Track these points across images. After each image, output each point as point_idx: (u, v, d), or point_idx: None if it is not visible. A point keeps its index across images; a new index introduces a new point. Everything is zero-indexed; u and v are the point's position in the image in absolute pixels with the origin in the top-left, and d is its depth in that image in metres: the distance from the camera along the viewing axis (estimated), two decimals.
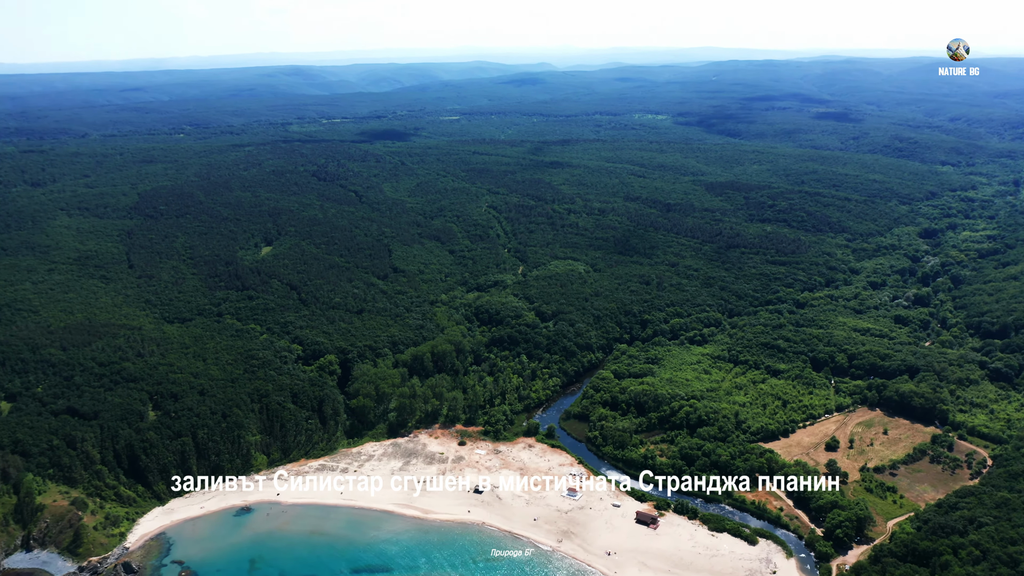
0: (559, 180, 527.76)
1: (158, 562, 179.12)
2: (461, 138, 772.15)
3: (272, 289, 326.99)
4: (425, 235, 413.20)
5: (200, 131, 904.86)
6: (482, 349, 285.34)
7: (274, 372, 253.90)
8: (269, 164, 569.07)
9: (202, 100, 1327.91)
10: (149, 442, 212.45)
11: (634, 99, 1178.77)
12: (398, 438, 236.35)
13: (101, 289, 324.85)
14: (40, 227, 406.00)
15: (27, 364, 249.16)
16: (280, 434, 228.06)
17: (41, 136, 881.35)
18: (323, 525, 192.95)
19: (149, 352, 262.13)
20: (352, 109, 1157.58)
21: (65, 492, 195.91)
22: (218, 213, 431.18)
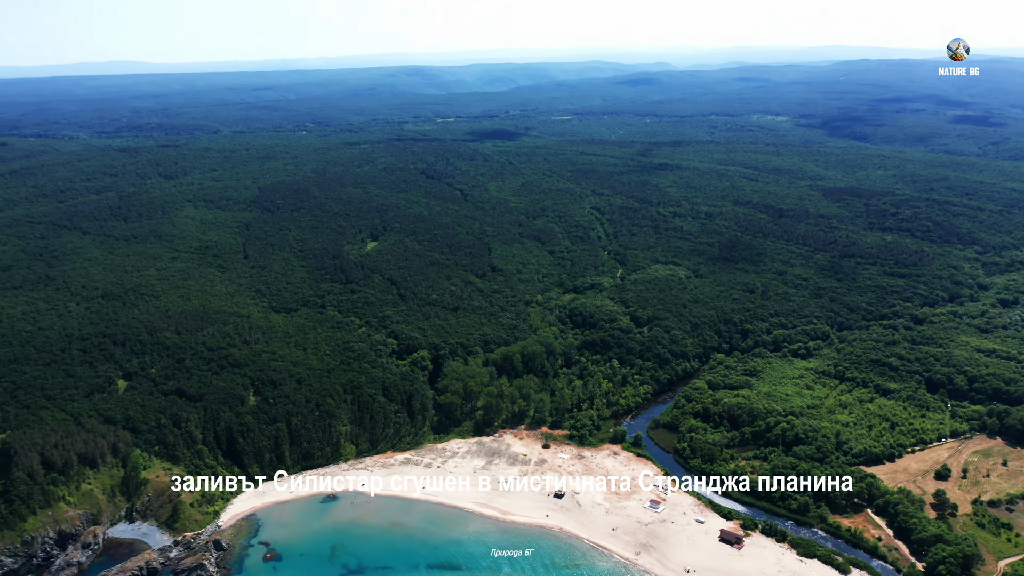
0: (666, 182, 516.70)
1: (246, 542, 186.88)
2: (570, 138, 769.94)
3: (374, 283, 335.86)
4: (526, 235, 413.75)
5: (321, 128, 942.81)
6: (573, 352, 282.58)
7: (368, 365, 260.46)
8: (381, 161, 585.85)
9: (326, 99, 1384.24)
10: (247, 426, 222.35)
11: (753, 100, 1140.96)
12: (483, 437, 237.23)
13: (217, 278, 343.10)
14: (168, 217, 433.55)
15: (144, 346, 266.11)
16: (369, 426, 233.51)
17: (178, 132, 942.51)
18: (403, 518, 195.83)
19: (254, 339, 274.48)
20: (466, 108, 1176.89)
21: (168, 469, 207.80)
22: (330, 208, 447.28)
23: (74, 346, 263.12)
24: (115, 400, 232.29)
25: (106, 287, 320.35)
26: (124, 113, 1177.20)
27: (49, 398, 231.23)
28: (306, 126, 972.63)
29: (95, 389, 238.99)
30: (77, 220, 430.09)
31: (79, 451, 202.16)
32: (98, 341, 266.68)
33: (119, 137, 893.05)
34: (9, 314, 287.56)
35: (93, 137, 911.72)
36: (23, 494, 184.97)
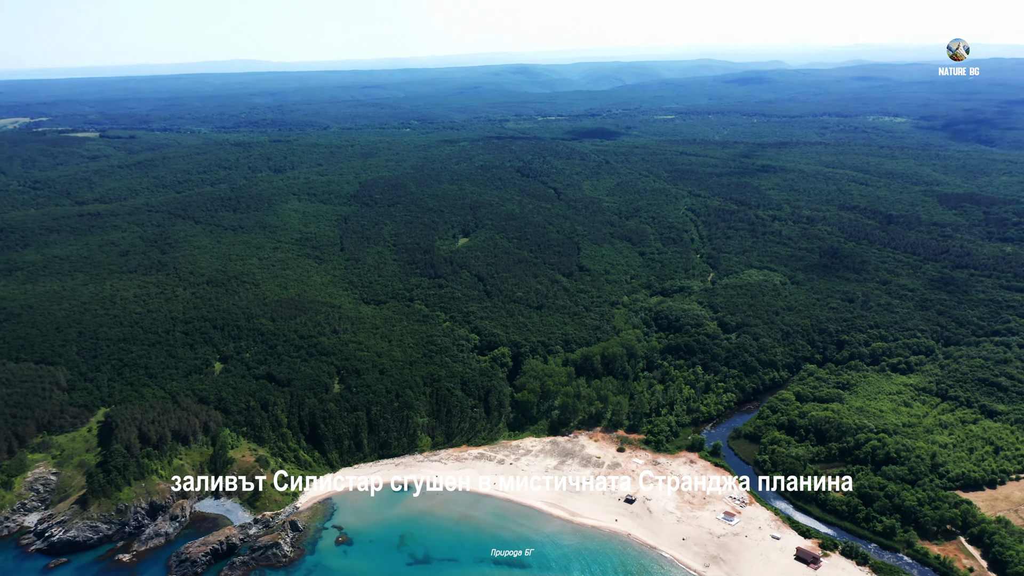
0: (768, 184, 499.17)
1: (320, 524, 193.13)
2: (671, 138, 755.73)
3: (461, 279, 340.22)
4: (617, 235, 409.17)
5: (425, 126, 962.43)
6: (656, 355, 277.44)
7: (449, 359, 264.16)
8: (479, 159, 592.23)
9: (431, 97, 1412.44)
10: (329, 413, 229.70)
11: (870, 100, 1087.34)
12: (558, 436, 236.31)
13: (314, 269, 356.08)
14: (274, 209, 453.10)
15: (241, 331, 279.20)
16: (446, 419, 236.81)
17: (290, 127, 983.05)
18: (472, 512, 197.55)
19: (343, 329, 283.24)
20: (569, 107, 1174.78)
21: (253, 449, 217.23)
22: (425, 204, 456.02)
23: (178, 329, 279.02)
24: (210, 381, 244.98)
25: (211, 274, 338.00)
26: (243, 109, 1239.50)
27: (151, 376, 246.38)
28: (410, 123, 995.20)
29: (193, 370, 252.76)
30: (191, 210, 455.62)
31: (174, 428, 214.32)
32: (200, 325, 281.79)
33: (236, 132, 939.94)
34: (123, 296, 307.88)
35: (213, 132, 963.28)
36: (120, 465, 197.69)
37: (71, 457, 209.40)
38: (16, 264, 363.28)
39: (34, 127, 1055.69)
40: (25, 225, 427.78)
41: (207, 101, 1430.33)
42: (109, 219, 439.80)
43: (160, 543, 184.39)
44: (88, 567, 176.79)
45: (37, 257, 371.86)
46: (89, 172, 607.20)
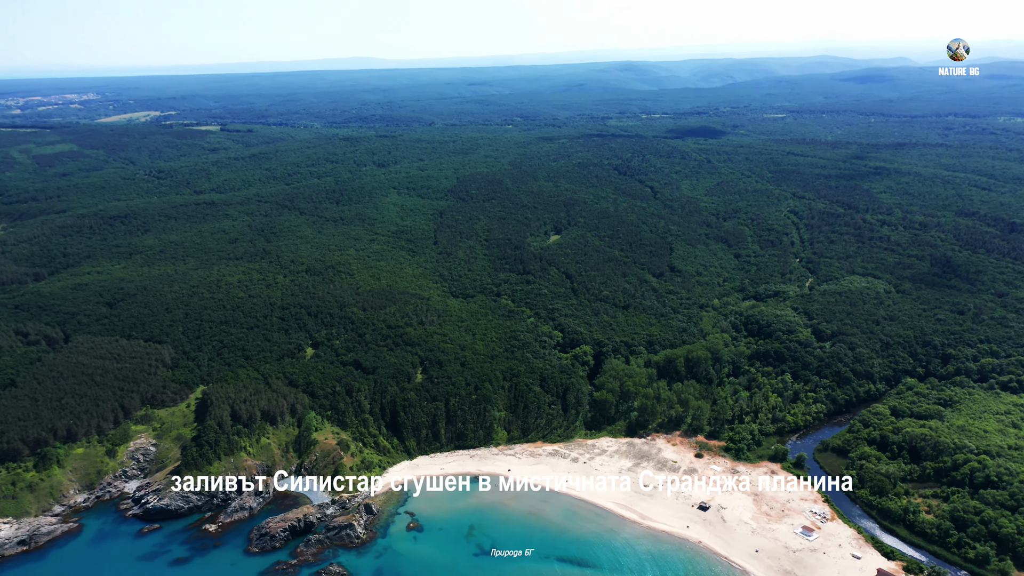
0: (879, 188, 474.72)
1: (394, 510, 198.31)
2: (779, 137, 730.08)
3: (549, 276, 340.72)
4: (712, 236, 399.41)
5: (527, 122, 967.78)
6: (743, 361, 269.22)
7: (530, 355, 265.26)
8: (577, 156, 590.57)
9: (536, 94, 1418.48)
10: (409, 401, 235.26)
11: (1002, 99, 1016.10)
12: (635, 438, 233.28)
13: (407, 261, 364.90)
14: (374, 202, 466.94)
15: (334, 319, 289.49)
16: (523, 414, 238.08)
17: (397, 123, 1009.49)
18: (542, 508, 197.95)
19: (429, 321, 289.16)
20: (674, 105, 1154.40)
21: (336, 433, 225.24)
22: (519, 200, 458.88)
23: (275, 314, 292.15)
24: (300, 366, 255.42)
25: (310, 263, 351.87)
26: (354, 105, 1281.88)
27: (247, 358, 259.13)
28: (513, 120, 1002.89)
29: (286, 354, 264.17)
30: (297, 201, 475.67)
31: (263, 408, 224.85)
32: (295, 311, 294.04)
33: (346, 127, 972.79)
34: (228, 281, 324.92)
35: (324, 127, 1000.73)
36: (212, 441, 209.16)
37: (169, 430, 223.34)
38: (136, 248, 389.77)
39: (163, 120, 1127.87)
40: (147, 212, 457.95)
41: (321, 97, 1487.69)
42: (222, 208, 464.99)
43: (244, 516, 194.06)
44: (178, 534, 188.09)
45: (155, 242, 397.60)
46: (208, 163, 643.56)
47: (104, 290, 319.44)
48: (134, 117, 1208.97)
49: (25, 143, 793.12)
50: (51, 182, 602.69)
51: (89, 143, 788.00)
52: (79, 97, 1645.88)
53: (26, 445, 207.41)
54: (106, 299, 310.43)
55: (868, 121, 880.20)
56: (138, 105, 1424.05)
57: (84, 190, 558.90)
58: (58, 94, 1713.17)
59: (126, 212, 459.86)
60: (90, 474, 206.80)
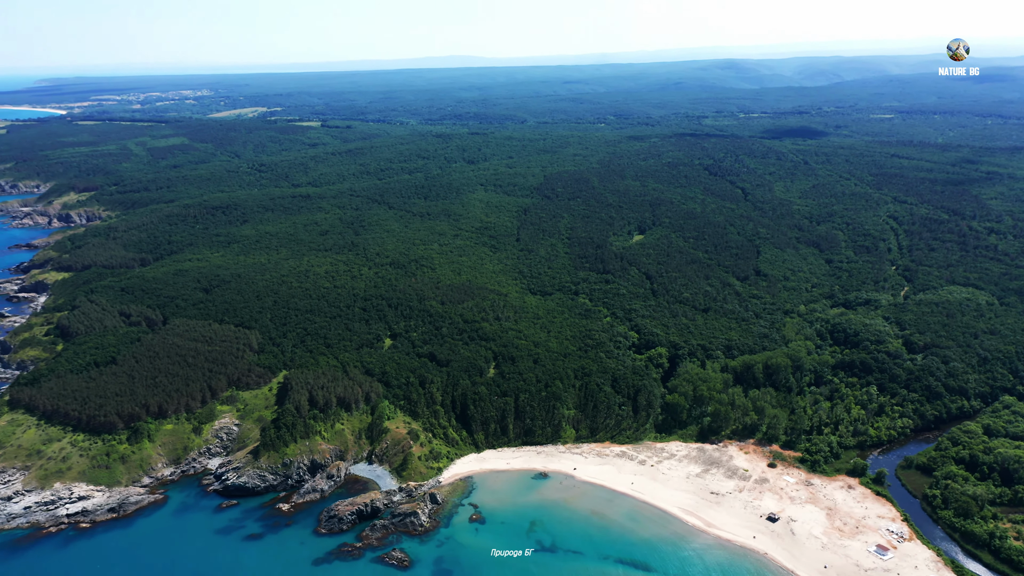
0: (990, 193, 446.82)
1: (458, 500, 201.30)
2: (883, 139, 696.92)
3: (629, 276, 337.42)
4: (803, 240, 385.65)
5: (620, 121, 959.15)
6: (826, 370, 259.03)
7: (604, 355, 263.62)
8: (667, 156, 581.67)
9: (632, 92, 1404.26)
10: (479, 395, 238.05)
11: None
12: (706, 444, 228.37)
13: (488, 257, 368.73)
14: (460, 198, 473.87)
15: (413, 311, 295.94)
16: (592, 413, 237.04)
17: (490, 121, 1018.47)
18: (605, 509, 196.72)
19: (506, 317, 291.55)
20: (775, 104, 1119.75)
21: (407, 422, 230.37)
22: (604, 199, 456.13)
23: (357, 305, 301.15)
24: (378, 355, 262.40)
25: (395, 256, 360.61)
26: (450, 103, 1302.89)
27: (328, 346, 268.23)
28: (606, 118, 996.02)
29: (365, 344, 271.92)
30: (387, 196, 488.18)
31: (339, 395, 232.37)
32: (377, 303, 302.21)
33: (440, 124, 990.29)
34: (316, 272, 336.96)
35: (420, 123, 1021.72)
36: (289, 424, 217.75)
37: (252, 412, 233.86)
38: (234, 237, 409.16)
39: (269, 116, 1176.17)
40: (247, 203, 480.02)
41: (419, 95, 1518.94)
42: (316, 201, 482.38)
43: (315, 498, 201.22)
44: (253, 511, 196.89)
45: (252, 232, 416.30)
46: (306, 158, 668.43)
47: (202, 276, 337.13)
48: (243, 113, 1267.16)
49: (142, 136, 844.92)
50: (162, 173, 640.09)
51: (199, 137, 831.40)
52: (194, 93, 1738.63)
53: (121, 419, 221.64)
54: (203, 285, 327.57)
55: (984, 123, 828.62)
56: (247, 101, 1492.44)
57: (191, 181, 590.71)
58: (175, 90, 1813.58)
59: (228, 203, 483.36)
60: (177, 449, 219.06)
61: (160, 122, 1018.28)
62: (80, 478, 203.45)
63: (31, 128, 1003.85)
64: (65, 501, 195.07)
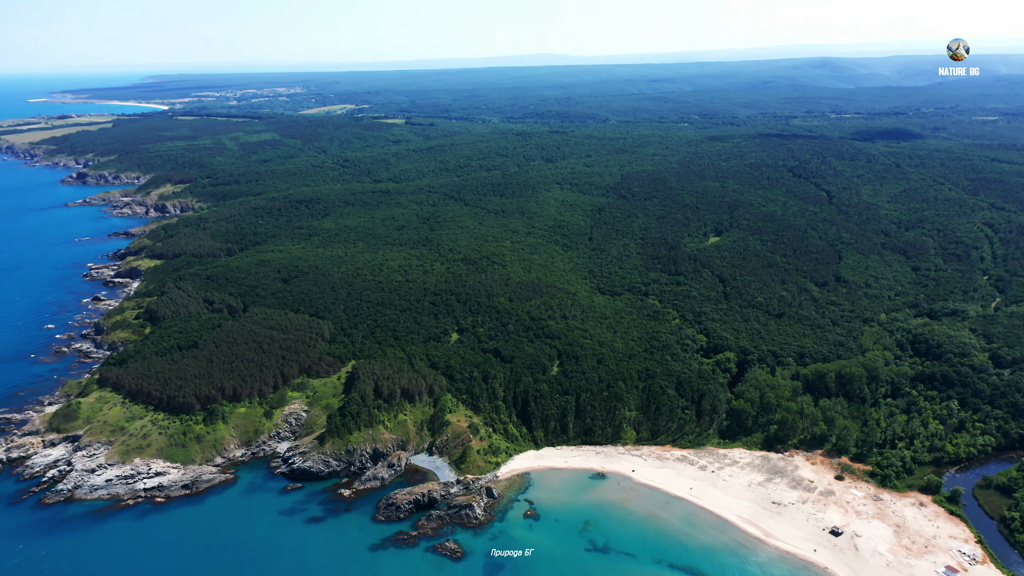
0: None
1: (514, 496, 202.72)
2: (985, 142, 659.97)
3: (701, 278, 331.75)
4: (889, 246, 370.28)
5: (704, 120, 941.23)
6: (904, 382, 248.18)
7: (669, 357, 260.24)
8: (750, 156, 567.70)
9: (718, 91, 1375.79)
10: (541, 393, 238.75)
11: None
12: (771, 452, 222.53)
13: (559, 255, 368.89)
14: (536, 196, 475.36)
15: (480, 307, 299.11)
16: (653, 416, 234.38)
17: (572, 119, 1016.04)
18: (661, 512, 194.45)
19: (572, 316, 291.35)
20: (869, 104, 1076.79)
21: (468, 416, 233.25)
22: (681, 200, 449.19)
23: (427, 299, 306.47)
24: (443, 349, 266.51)
25: (467, 252, 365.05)
26: (533, 101, 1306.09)
27: (396, 338, 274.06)
28: (690, 118, 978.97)
29: (432, 338, 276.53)
30: (463, 193, 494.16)
31: (403, 386, 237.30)
32: (446, 298, 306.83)
33: (522, 123, 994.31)
34: (389, 266, 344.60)
35: (502, 122, 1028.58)
36: (354, 412, 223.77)
37: (320, 399, 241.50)
38: (315, 231, 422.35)
39: (356, 113, 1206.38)
40: (329, 198, 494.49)
41: (503, 93, 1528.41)
42: (395, 196, 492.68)
43: (375, 486, 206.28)
44: (316, 495, 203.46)
45: (332, 226, 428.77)
46: (388, 154, 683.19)
47: (282, 267, 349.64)
48: (332, 110, 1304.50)
49: (235, 131, 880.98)
50: (252, 167, 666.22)
51: (289, 133, 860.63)
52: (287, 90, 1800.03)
53: (199, 401, 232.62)
54: (283, 275, 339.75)
55: None
56: (337, 99, 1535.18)
57: (279, 175, 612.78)
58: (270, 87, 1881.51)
59: (311, 197, 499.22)
60: (248, 432, 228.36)
61: (253, 118, 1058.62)
62: (158, 455, 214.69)
63: (135, 122, 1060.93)
64: (143, 476, 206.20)
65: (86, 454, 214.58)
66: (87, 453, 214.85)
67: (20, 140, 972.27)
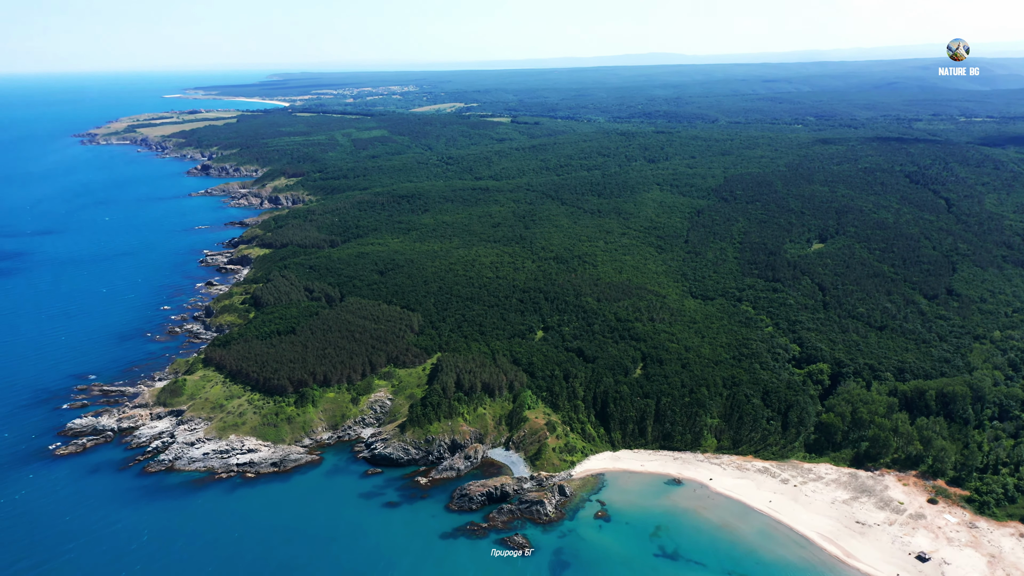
0: None
1: (586, 496, 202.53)
2: None
3: (799, 286, 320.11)
4: (1012, 259, 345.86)
5: (819, 123, 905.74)
6: (1013, 404, 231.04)
7: (758, 365, 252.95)
8: (864, 161, 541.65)
9: (838, 92, 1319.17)
10: (621, 395, 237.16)
11: None
12: (860, 470, 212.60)
13: (652, 257, 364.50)
14: (634, 197, 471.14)
15: (568, 306, 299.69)
16: (736, 425, 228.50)
17: (680, 120, 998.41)
18: (736, 523, 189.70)
19: (660, 319, 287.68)
20: (1004, 107, 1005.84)
21: (547, 414, 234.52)
22: (786, 204, 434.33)
23: (515, 296, 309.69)
24: (527, 346, 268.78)
25: (559, 251, 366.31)
26: (641, 101, 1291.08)
27: (482, 333, 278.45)
28: (804, 119, 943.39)
29: (517, 334, 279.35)
30: (561, 192, 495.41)
31: (484, 380, 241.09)
32: (534, 295, 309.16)
33: (628, 122, 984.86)
34: (481, 262, 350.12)
35: (607, 121, 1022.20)
36: (435, 403, 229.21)
37: (405, 388, 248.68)
38: (414, 225, 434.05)
39: (464, 111, 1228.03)
40: (430, 194, 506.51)
41: (611, 92, 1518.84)
42: (493, 194, 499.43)
43: (451, 476, 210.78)
44: (394, 481, 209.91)
45: (430, 221, 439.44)
46: (491, 152, 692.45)
47: (379, 260, 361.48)
48: (441, 108, 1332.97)
49: (348, 128, 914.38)
50: (361, 163, 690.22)
51: (398, 130, 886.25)
52: (401, 89, 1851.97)
53: (291, 384, 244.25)
54: (379, 267, 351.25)
55: None
56: (447, 97, 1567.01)
57: (385, 171, 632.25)
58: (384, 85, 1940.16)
59: (413, 193, 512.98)
60: (336, 416, 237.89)
61: (366, 115, 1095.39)
62: (251, 433, 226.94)
63: (257, 118, 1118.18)
64: (236, 452, 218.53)
65: (187, 428, 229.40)
66: (188, 427, 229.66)
67: (154, 133, 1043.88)
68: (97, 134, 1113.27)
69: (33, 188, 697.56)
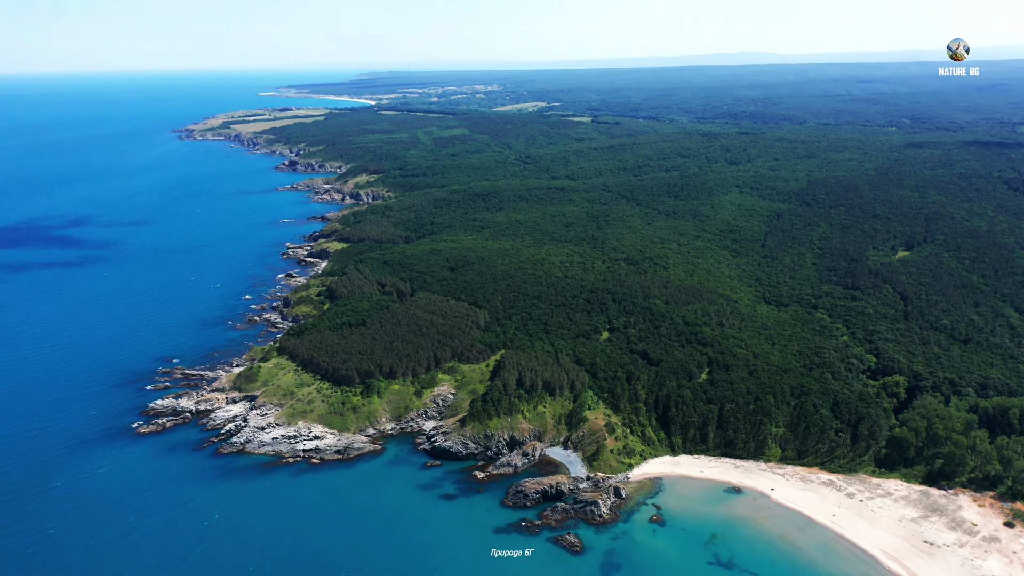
0: None
1: (642, 499, 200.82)
2: None
3: (880, 294, 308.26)
4: None
5: (914, 125, 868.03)
6: None
7: (830, 375, 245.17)
8: (960, 166, 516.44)
9: (937, 93, 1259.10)
10: (683, 399, 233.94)
11: None
12: (932, 488, 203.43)
13: (725, 261, 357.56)
14: (711, 199, 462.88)
15: (635, 307, 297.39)
16: (802, 435, 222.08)
17: (766, 121, 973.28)
18: (795, 536, 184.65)
19: (730, 324, 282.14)
20: None
21: (607, 415, 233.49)
22: (871, 209, 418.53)
23: (583, 296, 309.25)
24: (591, 347, 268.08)
25: (630, 252, 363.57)
26: (727, 101, 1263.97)
27: (547, 332, 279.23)
28: (899, 122, 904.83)
29: (582, 334, 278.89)
30: (637, 193, 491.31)
31: (546, 379, 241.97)
32: (601, 296, 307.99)
33: (712, 123, 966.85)
34: (551, 261, 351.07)
35: (691, 122, 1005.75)
36: (496, 399, 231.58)
37: (467, 384, 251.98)
38: (488, 223, 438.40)
39: (546, 111, 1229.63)
40: (505, 192, 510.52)
41: (696, 92, 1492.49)
42: (568, 194, 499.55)
43: (508, 472, 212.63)
44: (452, 474, 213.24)
45: (504, 219, 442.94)
46: (569, 152, 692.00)
47: (451, 256, 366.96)
48: (523, 107, 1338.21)
49: (430, 126, 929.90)
50: (440, 160, 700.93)
51: (479, 128, 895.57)
52: (484, 88, 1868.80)
53: (358, 375, 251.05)
54: (451, 264, 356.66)
55: None
56: (530, 96, 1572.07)
57: (463, 169, 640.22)
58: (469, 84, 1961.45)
59: (488, 191, 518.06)
60: (399, 408, 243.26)
61: (449, 114, 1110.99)
62: (318, 420, 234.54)
63: (344, 116, 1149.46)
64: (304, 438, 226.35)
65: (259, 413, 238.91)
66: (260, 412, 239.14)
67: (246, 129, 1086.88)
68: (194, 130, 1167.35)
69: (132, 181, 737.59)
